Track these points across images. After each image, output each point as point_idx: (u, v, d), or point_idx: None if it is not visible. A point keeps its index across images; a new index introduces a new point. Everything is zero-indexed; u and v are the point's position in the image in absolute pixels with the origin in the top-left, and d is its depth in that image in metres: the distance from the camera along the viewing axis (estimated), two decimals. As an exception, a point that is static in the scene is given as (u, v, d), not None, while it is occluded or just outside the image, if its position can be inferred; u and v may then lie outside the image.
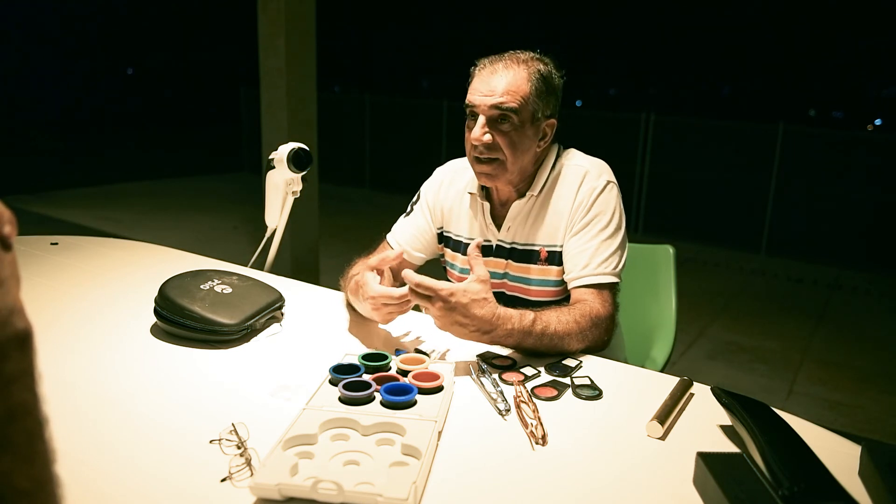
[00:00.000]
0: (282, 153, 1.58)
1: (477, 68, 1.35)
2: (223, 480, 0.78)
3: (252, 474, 0.78)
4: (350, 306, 1.37)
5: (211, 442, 0.86)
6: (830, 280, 5.16)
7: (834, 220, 5.75)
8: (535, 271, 1.39)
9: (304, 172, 1.60)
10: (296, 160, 1.57)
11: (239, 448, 0.83)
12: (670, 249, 1.77)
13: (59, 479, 0.41)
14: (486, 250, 1.44)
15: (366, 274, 1.24)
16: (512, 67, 1.30)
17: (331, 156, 6.95)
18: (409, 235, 1.52)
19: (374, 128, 8.43)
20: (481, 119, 1.30)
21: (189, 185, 8.44)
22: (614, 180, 1.38)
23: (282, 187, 1.65)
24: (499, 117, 1.29)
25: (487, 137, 1.29)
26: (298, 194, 1.68)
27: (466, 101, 1.33)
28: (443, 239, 1.52)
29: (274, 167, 1.61)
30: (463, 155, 1.50)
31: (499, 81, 1.29)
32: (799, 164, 5.79)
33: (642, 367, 1.22)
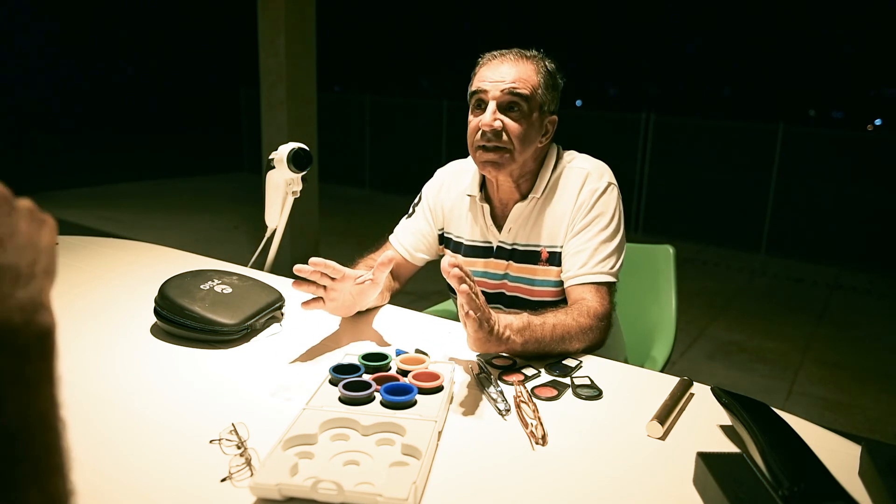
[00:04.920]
0: (282, 153, 1.58)
1: (483, 60, 1.35)
2: (223, 480, 0.78)
3: (252, 474, 0.78)
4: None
5: (211, 442, 0.86)
6: (830, 280, 5.16)
7: (834, 220, 5.75)
8: (536, 272, 1.39)
9: (304, 172, 1.60)
10: (296, 160, 1.57)
11: (239, 448, 0.83)
12: (670, 249, 1.77)
13: (74, 491, 0.39)
14: (487, 252, 1.44)
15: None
16: (521, 59, 1.32)
17: (331, 156, 6.94)
18: (410, 236, 1.52)
19: (374, 128, 8.43)
20: (492, 104, 1.29)
21: (189, 185, 8.44)
22: (615, 182, 1.38)
23: (282, 187, 1.65)
24: (509, 104, 1.29)
25: (498, 123, 1.29)
26: (298, 194, 1.68)
27: (474, 88, 1.32)
28: (443, 240, 1.52)
29: (274, 167, 1.61)
30: (464, 155, 1.51)
31: (509, 69, 1.30)
32: (799, 164, 5.79)
33: (642, 367, 1.22)
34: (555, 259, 1.37)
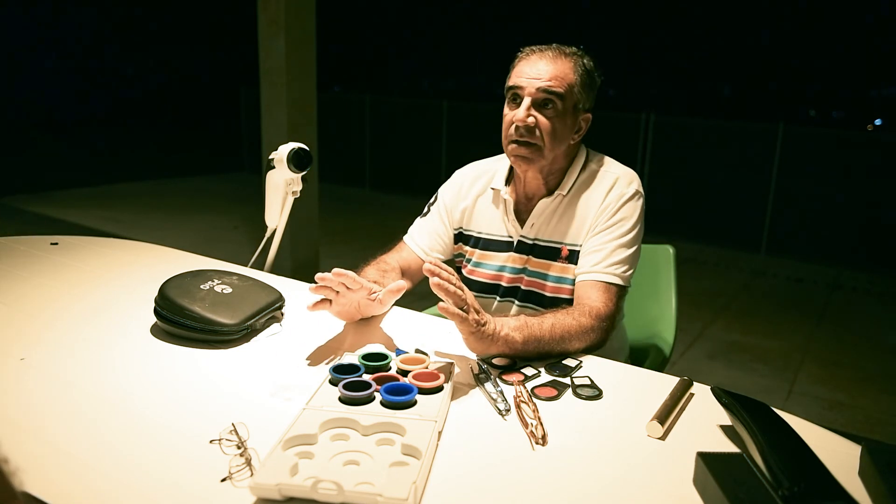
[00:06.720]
0: (282, 153, 1.58)
1: (523, 54, 1.37)
2: (223, 480, 0.78)
3: (252, 474, 0.78)
4: None
5: (211, 442, 0.86)
6: (830, 280, 5.16)
7: (834, 220, 5.74)
8: (555, 268, 1.41)
9: (304, 172, 1.60)
10: (296, 160, 1.57)
11: (239, 448, 0.83)
12: (670, 249, 1.77)
13: None
14: (508, 246, 1.46)
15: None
16: (560, 57, 1.33)
17: (331, 156, 6.94)
18: (426, 237, 1.53)
19: (374, 128, 8.43)
20: (526, 101, 1.31)
21: (189, 185, 8.44)
22: (643, 192, 1.40)
23: (282, 187, 1.65)
24: (543, 101, 1.31)
25: (531, 119, 1.31)
26: (298, 194, 1.68)
27: (511, 83, 1.34)
28: (461, 238, 1.53)
29: (274, 167, 1.61)
30: (465, 157, 1.51)
31: (546, 67, 1.31)
32: (799, 164, 5.78)
33: (642, 367, 1.22)
34: (574, 257, 1.39)
